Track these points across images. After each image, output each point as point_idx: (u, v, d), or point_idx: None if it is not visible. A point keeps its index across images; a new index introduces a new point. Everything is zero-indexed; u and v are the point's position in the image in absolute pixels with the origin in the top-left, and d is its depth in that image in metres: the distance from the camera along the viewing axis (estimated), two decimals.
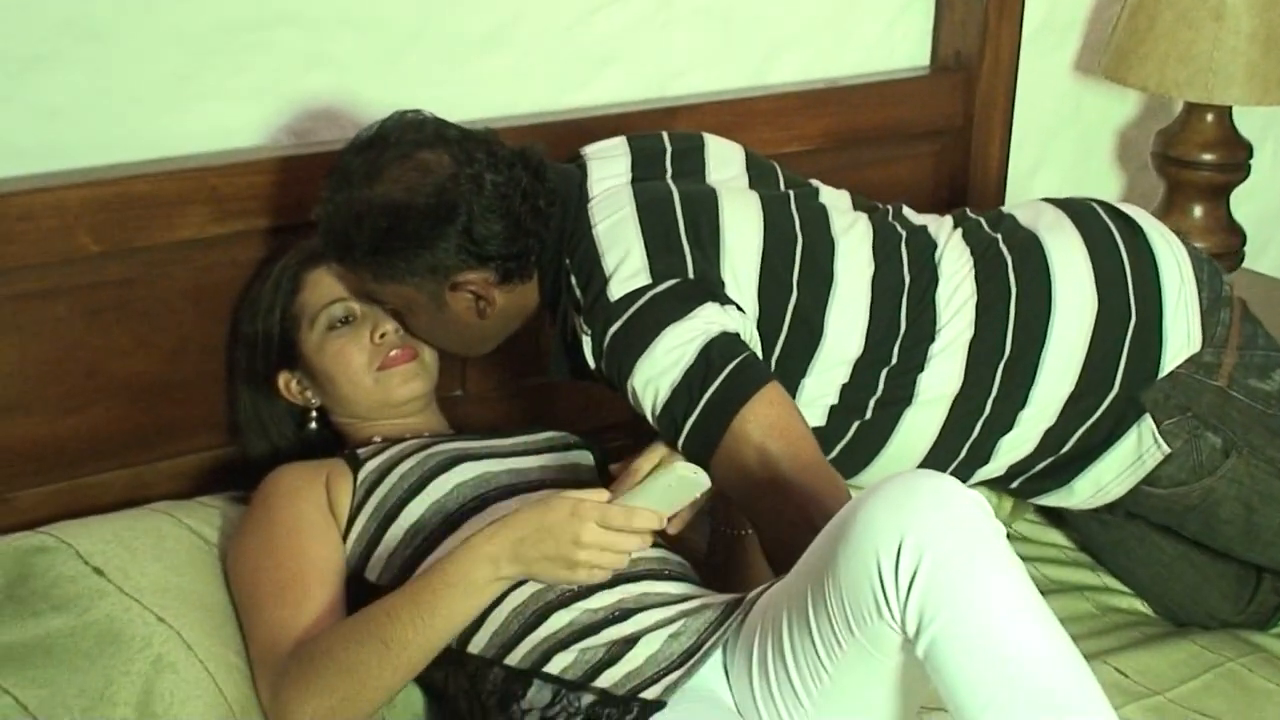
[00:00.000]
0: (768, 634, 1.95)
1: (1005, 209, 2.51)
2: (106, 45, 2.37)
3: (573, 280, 2.26)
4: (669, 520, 2.05)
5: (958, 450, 2.38)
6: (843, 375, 2.33)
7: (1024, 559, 2.65)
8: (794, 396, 2.28)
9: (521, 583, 2.05)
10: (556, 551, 1.97)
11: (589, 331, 2.23)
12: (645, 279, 2.21)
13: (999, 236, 2.41)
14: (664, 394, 2.19)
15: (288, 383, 2.40)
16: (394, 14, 2.59)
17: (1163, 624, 2.62)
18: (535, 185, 2.26)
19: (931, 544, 1.78)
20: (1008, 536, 2.69)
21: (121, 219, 2.34)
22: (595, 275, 2.23)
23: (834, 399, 2.34)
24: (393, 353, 2.35)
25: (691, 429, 2.19)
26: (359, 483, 2.25)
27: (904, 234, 2.41)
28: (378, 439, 2.37)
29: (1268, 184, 3.64)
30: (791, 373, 2.31)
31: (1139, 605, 2.66)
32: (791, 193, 2.40)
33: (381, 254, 2.22)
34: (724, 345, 2.19)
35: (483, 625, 2.06)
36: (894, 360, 2.33)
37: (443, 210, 2.20)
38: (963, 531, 1.80)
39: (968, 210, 2.51)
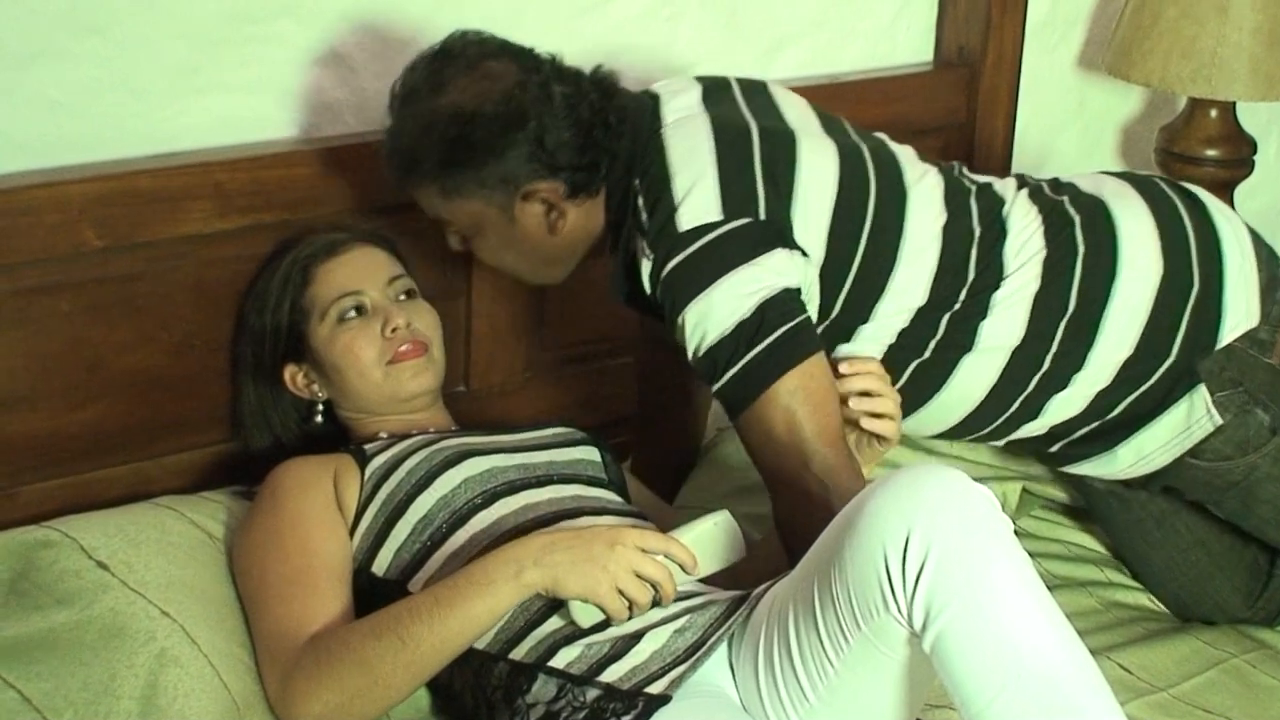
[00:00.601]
0: (774, 628, 1.95)
1: (1064, 177, 2.51)
2: (109, 39, 2.36)
3: (640, 202, 2.23)
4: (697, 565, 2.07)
5: (1010, 403, 2.37)
6: (903, 322, 2.32)
7: (1029, 555, 2.68)
8: (849, 339, 2.29)
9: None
10: (587, 554, 1.98)
11: (650, 257, 2.21)
12: (716, 214, 2.19)
13: (1064, 199, 2.41)
14: (711, 339, 2.18)
15: (294, 376, 2.39)
16: (398, 6, 2.59)
17: (1167, 620, 2.62)
18: (603, 101, 2.25)
19: (939, 538, 1.78)
20: (1016, 532, 2.71)
21: (125, 214, 2.33)
22: (663, 200, 2.21)
23: (891, 340, 2.33)
24: (403, 347, 2.34)
25: (730, 380, 2.18)
26: (366, 478, 2.25)
27: (972, 188, 2.41)
28: (384, 435, 2.36)
29: (1272, 180, 3.64)
30: (852, 318, 2.30)
31: (1144, 601, 2.66)
32: (864, 143, 2.39)
33: (451, 166, 2.21)
34: (781, 304, 2.18)
35: None
36: (958, 305, 2.32)
37: (512, 116, 2.19)
38: (970, 525, 1.80)
39: (1026, 175, 2.52)
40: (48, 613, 2.12)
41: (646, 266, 2.21)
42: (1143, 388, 2.36)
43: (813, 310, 2.25)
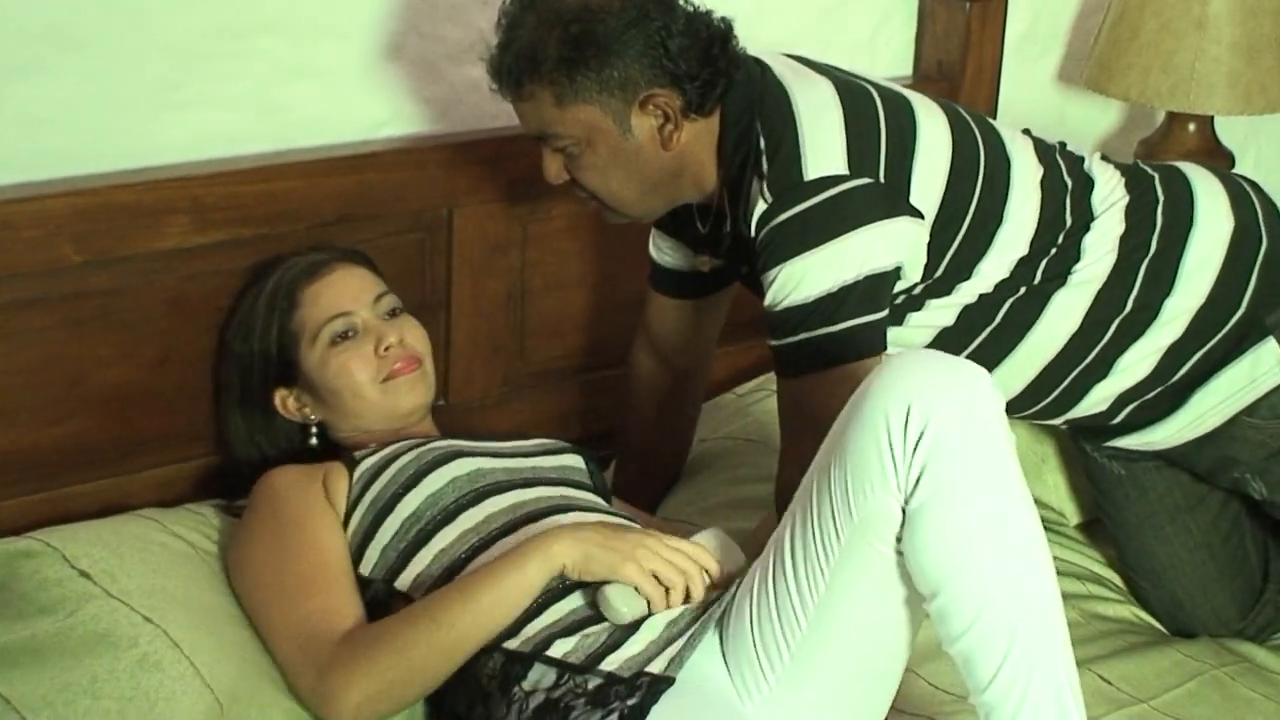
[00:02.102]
0: (769, 554, 1.99)
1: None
2: (88, 54, 2.36)
3: (761, 143, 2.23)
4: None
5: (1090, 347, 2.39)
6: (1003, 273, 2.34)
7: None
8: (950, 294, 2.33)
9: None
10: (617, 541, 2.03)
11: (768, 200, 2.20)
12: (842, 167, 2.20)
13: (1137, 162, 2.50)
14: (793, 300, 2.19)
15: (285, 400, 2.39)
16: (377, 22, 2.59)
17: (1148, 633, 2.62)
18: (721, 29, 2.25)
19: (939, 411, 1.85)
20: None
21: (104, 229, 2.33)
22: (787, 144, 2.21)
23: (987, 290, 2.35)
24: (398, 364, 2.34)
25: (790, 345, 2.21)
26: (355, 479, 2.26)
27: (1055, 145, 2.46)
28: (373, 444, 2.36)
29: None
30: (955, 274, 2.32)
31: (1126, 613, 2.66)
32: (957, 106, 2.42)
33: (571, 65, 2.17)
34: (869, 291, 2.19)
35: None
36: (1054, 251, 2.36)
37: (637, 16, 2.18)
38: (967, 404, 1.86)
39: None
40: (30, 621, 2.12)
41: (760, 208, 2.20)
42: (1213, 341, 2.39)
43: (917, 272, 2.28)
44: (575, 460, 2.41)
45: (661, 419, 2.69)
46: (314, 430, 2.41)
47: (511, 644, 2.04)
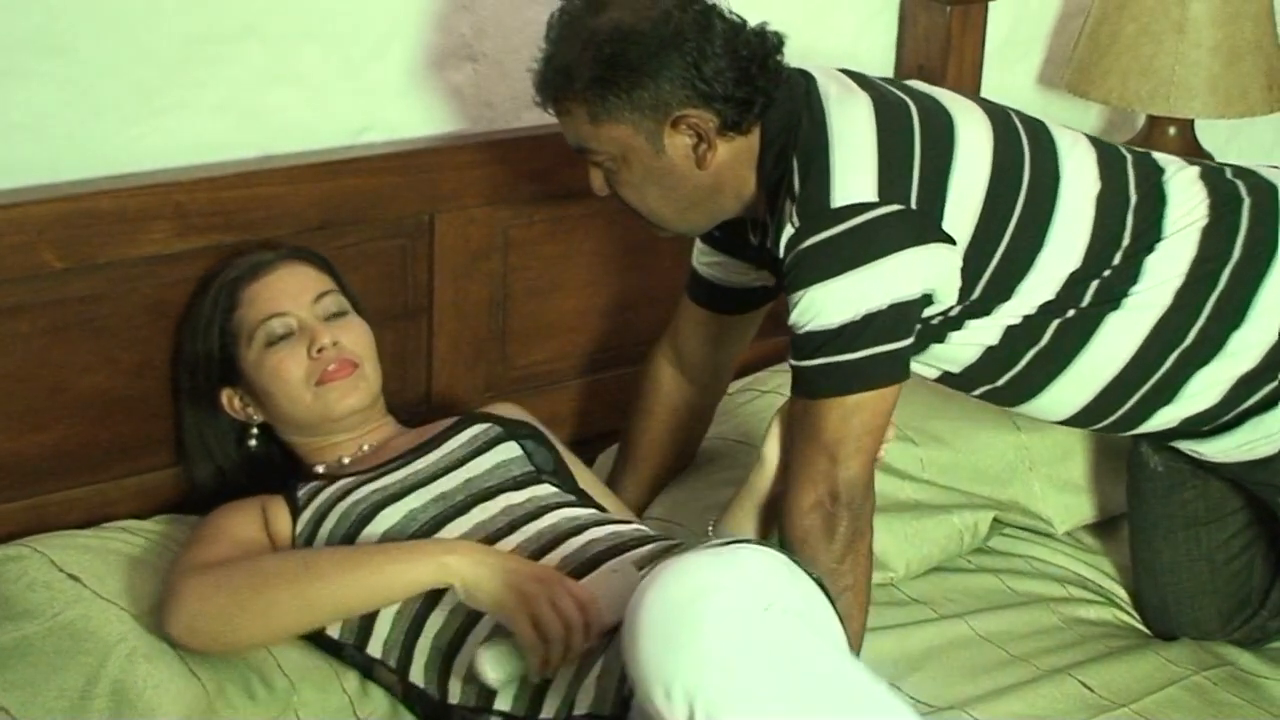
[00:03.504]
0: None
1: (1246, 164, 2.48)
2: (69, 61, 2.36)
3: (794, 163, 2.20)
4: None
5: (1146, 378, 2.33)
6: (1048, 294, 2.28)
7: (990, 571, 2.70)
8: (988, 314, 2.27)
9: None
10: (515, 574, 2.01)
11: (795, 225, 2.18)
12: (871, 194, 2.16)
13: (1239, 181, 2.38)
14: (815, 325, 2.16)
15: (230, 399, 2.38)
16: (357, 29, 2.58)
17: (1129, 636, 2.63)
18: (763, 44, 2.22)
19: (700, 689, 1.74)
20: (980, 549, 2.71)
21: (85, 235, 2.33)
22: (817, 168, 2.18)
23: (1030, 311, 2.29)
24: (330, 366, 2.32)
25: (811, 368, 2.18)
26: (297, 532, 2.26)
27: (1129, 156, 2.38)
28: (319, 468, 2.36)
29: None
30: (993, 297, 2.27)
31: (1107, 615, 2.66)
32: (1010, 110, 2.36)
33: (604, 84, 2.16)
34: (892, 320, 2.16)
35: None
36: (1109, 271, 2.29)
37: (671, 36, 2.15)
38: (728, 665, 1.75)
39: (1202, 160, 2.48)
40: (19, 623, 2.14)
41: (788, 231, 2.18)
42: None
43: (951, 296, 2.24)
44: (510, 450, 2.35)
45: (672, 431, 2.66)
46: (254, 431, 2.39)
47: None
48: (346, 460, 2.37)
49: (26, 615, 2.14)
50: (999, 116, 2.32)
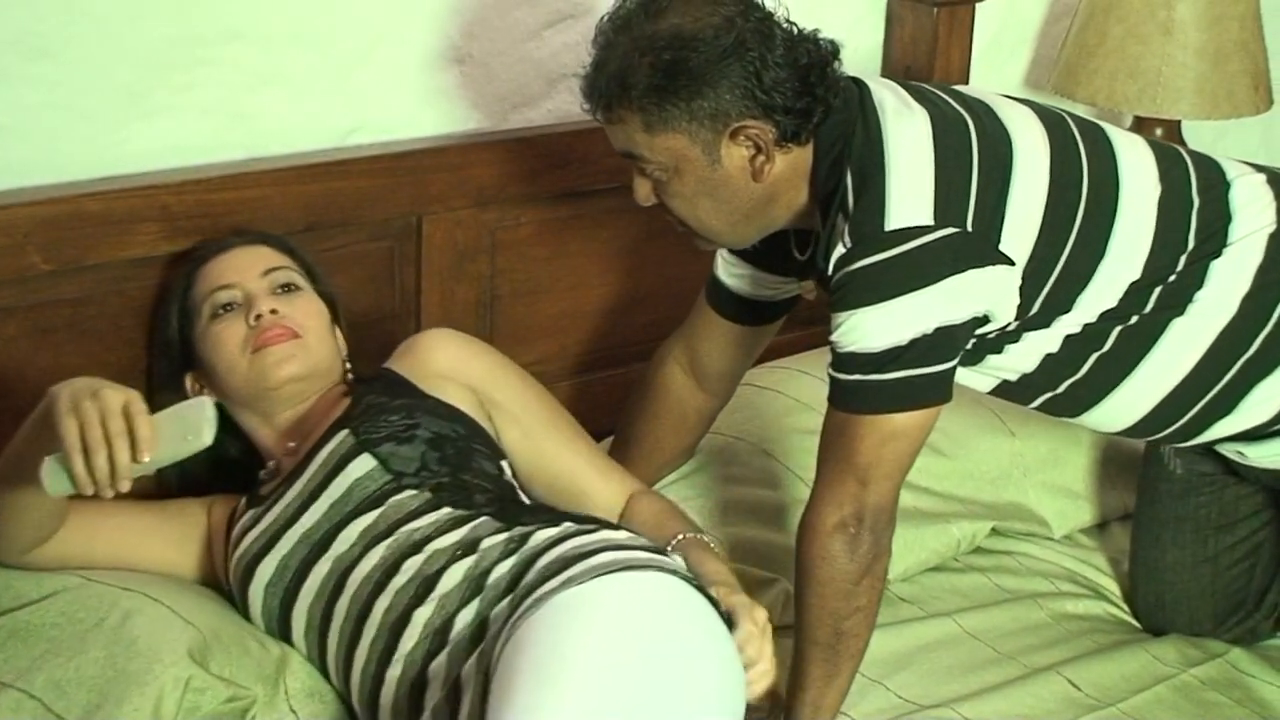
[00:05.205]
0: None
1: None
2: (56, 62, 2.36)
3: (848, 181, 2.15)
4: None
5: (1208, 388, 2.29)
6: (1109, 302, 2.24)
7: (979, 570, 2.70)
8: (1047, 326, 2.23)
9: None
10: (82, 395, 1.92)
11: (847, 245, 2.13)
12: (927, 218, 2.11)
13: None
14: (859, 345, 2.12)
15: (193, 384, 2.37)
16: (344, 31, 2.59)
17: (1117, 631, 2.63)
18: (820, 52, 2.17)
19: None
20: (974, 550, 2.70)
21: (72, 237, 2.33)
22: (872, 189, 2.13)
23: (1092, 320, 2.25)
24: (268, 332, 2.27)
25: (851, 384, 2.14)
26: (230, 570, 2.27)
27: (1189, 157, 2.34)
28: (263, 473, 2.34)
29: None
30: (1052, 310, 2.23)
31: (1096, 610, 2.66)
32: (1066, 114, 2.31)
33: (661, 92, 2.10)
34: (938, 343, 2.12)
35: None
36: (1173, 277, 2.24)
37: (732, 45, 2.09)
38: None
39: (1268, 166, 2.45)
40: (8, 605, 2.16)
41: (839, 250, 2.13)
42: None
43: (1009, 313, 2.20)
44: (365, 465, 2.22)
45: (677, 435, 2.63)
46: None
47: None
48: (272, 463, 2.34)
49: (16, 598, 2.16)
50: (1055, 124, 2.27)
